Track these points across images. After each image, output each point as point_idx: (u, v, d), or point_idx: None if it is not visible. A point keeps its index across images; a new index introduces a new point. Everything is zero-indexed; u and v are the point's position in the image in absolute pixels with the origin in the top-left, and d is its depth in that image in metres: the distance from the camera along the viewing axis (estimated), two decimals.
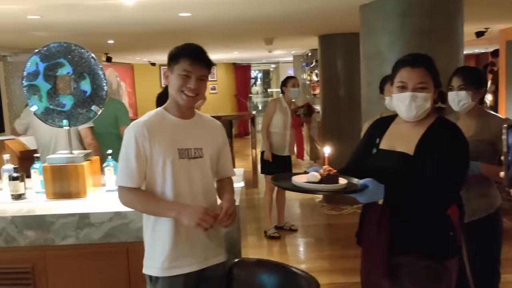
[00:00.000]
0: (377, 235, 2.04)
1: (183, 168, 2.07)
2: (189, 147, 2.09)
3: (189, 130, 2.12)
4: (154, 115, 2.10)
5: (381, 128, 2.20)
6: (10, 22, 4.41)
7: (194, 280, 2.13)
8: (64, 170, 2.94)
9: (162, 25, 5.22)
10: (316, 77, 10.19)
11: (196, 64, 2.03)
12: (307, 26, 6.00)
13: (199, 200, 2.12)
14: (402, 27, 3.67)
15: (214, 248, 2.18)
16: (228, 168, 2.30)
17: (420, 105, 2.00)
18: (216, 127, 2.25)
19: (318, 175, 1.96)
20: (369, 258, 2.10)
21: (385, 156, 2.11)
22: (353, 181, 2.00)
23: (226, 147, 2.28)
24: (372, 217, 2.08)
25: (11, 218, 2.62)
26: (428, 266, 2.00)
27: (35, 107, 3.00)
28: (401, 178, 1.99)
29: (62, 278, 2.67)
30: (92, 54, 2.98)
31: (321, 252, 4.93)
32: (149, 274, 2.14)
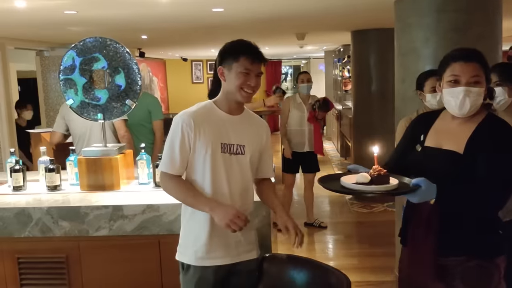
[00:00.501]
0: (424, 236, 2.00)
1: (223, 162, 2.10)
2: (232, 143, 2.12)
3: (235, 126, 2.14)
4: (203, 107, 2.13)
5: (426, 124, 2.13)
6: (47, 17, 4.50)
7: (224, 273, 2.15)
8: (99, 162, 2.99)
9: (195, 20, 5.24)
10: (348, 73, 10.09)
11: (256, 62, 2.06)
12: (340, 22, 5.94)
13: (236, 196, 2.13)
14: (437, 23, 3.59)
15: (247, 243, 2.19)
16: (269, 169, 2.31)
17: (473, 100, 1.93)
18: (262, 126, 2.26)
19: (368, 176, 1.89)
20: (416, 259, 2.06)
21: (431, 154, 2.04)
22: (404, 181, 1.93)
23: (269, 148, 2.30)
24: (420, 217, 2.02)
25: (47, 209, 2.69)
26: (479, 265, 1.96)
27: (71, 101, 3.06)
28: (450, 178, 1.93)
29: (95, 269, 2.73)
30: (127, 49, 3.02)
31: (350, 249, 4.90)
32: (181, 261, 2.17)
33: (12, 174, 3.06)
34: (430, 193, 1.85)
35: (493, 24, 3.63)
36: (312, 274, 2.19)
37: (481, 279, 1.97)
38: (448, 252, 1.98)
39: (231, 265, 2.15)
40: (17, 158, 3.14)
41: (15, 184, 3.05)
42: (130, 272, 2.72)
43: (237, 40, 2.13)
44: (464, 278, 1.97)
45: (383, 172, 1.89)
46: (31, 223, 2.69)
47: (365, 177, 1.89)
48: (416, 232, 2.05)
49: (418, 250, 2.05)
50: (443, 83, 2.01)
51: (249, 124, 2.20)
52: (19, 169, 3.05)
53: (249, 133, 2.18)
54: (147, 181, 3.11)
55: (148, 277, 2.72)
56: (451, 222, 1.96)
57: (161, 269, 2.69)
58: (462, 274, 1.97)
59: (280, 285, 2.24)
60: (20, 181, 3.06)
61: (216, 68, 2.13)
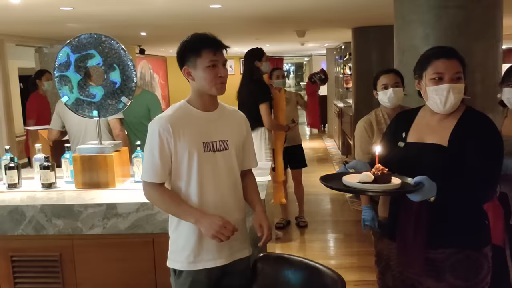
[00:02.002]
0: (414, 231, 2.01)
1: (208, 162, 2.05)
2: (214, 140, 2.07)
3: (214, 123, 2.10)
4: (178, 109, 2.08)
5: (406, 122, 2.16)
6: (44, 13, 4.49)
7: (217, 274, 2.12)
8: (94, 160, 2.97)
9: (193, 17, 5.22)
10: (350, 70, 10.05)
11: (219, 51, 2.01)
12: (340, 19, 5.91)
13: (225, 194, 2.10)
14: (437, 19, 3.55)
15: (239, 243, 2.16)
16: (252, 159, 2.27)
17: (457, 97, 1.98)
18: (240, 118, 2.22)
19: (372, 175, 1.88)
20: (405, 254, 2.07)
21: (415, 149, 2.07)
22: (406, 180, 1.91)
23: (250, 138, 2.26)
24: (408, 212, 2.02)
25: (41, 207, 2.66)
26: (468, 257, 1.98)
27: (66, 98, 3.03)
28: (437, 170, 1.94)
29: (89, 267, 2.70)
30: (122, 46, 2.99)
31: (350, 248, 4.87)
32: (173, 268, 2.14)
33: (6, 171, 3.04)
34: (431, 191, 1.85)
35: (493, 21, 3.60)
36: (307, 275, 2.17)
37: (470, 270, 1.98)
38: (436, 245, 1.99)
39: (224, 266, 2.12)
40: (11, 155, 3.12)
41: (10, 181, 3.03)
42: (124, 270, 2.69)
43: (192, 35, 2.06)
44: (454, 270, 1.98)
45: (385, 171, 1.88)
46: (25, 221, 2.67)
47: (369, 176, 1.88)
48: (405, 228, 2.05)
49: (408, 245, 2.05)
50: (425, 81, 2.03)
51: (227, 117, 2.16)
52: (13, 166, 3.03)
53: (229, 126, 2.14)
54: None
55: (142, 276, 2.70)
56: (439, 215, 1.98)
57: (155, 267, 2.67)
58: (451, 267, 1.98)
59: (275, 285, 2.21)
60: (14, 178, 3.04)
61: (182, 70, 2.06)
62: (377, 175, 1.86)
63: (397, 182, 1.90)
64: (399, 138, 2.14)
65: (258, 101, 4.43)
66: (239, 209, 2.17)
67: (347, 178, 1.93)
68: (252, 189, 2.27)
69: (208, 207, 2.07)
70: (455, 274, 1.98)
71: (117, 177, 3.01)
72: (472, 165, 1.92)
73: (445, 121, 2.04)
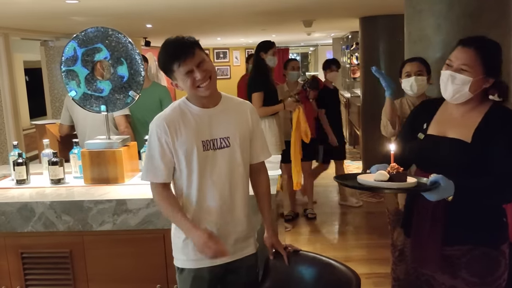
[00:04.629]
0: (430, 227, 1.97)
1: (208, 160, 2.01)
2: (214, 138, 2.02)
3: (214, 119, 2.04)
4: (176, 108, 2.05)
5: (429, 112, 2.08)
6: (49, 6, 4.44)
7: (221, 270, 2.10)
8: (102, 155, 2.94)
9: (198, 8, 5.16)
10: (356, 60, 9.97)
11: (186, 60, 1.93)
12: (348, 8, 5.83)
13: (227, 191, 2.06)
14: (449, 8, 3.48)
15: (243, 240, 2.14)
16: (262, 151, 2.20)
17: (457, 88, 1.90)
18: (245, 110, 2.14)
19: (387, 174, 1.86)
20: (420, 250, 2.03)
21: (435, 143, 2.00)
22: (422, 180, 1.89)
23: (258, 129, 2.18)
24: (425, 208, 1.98)
25: (50, 203, 2.64)
26: (485, 254, 1.93)
27: (73, 93, 3.00)
28: (459, 167, 1.89)
29: (99, 264, 2.69)
30: (129, 39, 2.94)
31: (359, 240, 4.84)
32: (176, 265, 2.14)
33: (15, 167, 3.01)
34: (448, 190, 1.80)
35: (506, 10, 3.51)
36: (320, 270, 2.14)
37: (487, 267, 1.94)
38: (453, 242, 1.95)
39: (227, 263, 2.09)
40: (20, 151, 3.10)
41: (18, 177, 3.01)
42: (134, 266, 2.68)
43: (160, 48, 2.01)
44: (470, 267, 1.94)
45: (401, 170, 1.86)
46: (34, 217, 2.65)
47: (384, 175, 1.86)
48: (421, 224, 2.02)
49: (423, 241, 2.01)
50: None
51: (230, 112, 2.09)
52: (22, 162, 3.01)
53: (232, 121, 2.07)
54: None
55: (153, 271, 2.68)
56: (456, 212, 1.93)
57: (166, 263, 2.64)
58: (467, 264, 1.94)
59: (288, 281, 2.19)
60: (23, 174, 3.02)
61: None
62: (392, 174, 1.85)
63: (411, 180, 1.88)
64: (420, 129, 2.07)
65: (251, 91, 4.47)
66: (243, 206, 2.13)
67: (363, 177, 1.92)
68: (264, 199, 2.24)
69: (209, 206, 2.04)
70: (471, 271, 1.94)
71: (126, 172, 2.98)
72: (499, 163, 1.84)
73: (469, 116, 1.96)
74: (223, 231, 2.07)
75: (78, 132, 3.93)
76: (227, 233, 2.08)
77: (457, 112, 2.00)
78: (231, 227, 2.09)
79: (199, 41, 2.00)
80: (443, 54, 3.44)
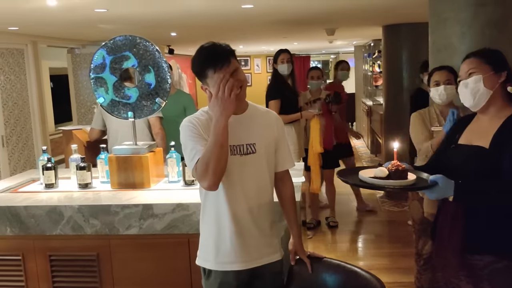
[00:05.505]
0: (448, 233, 2.00)
1: (235, 165, 2.03)
2: (241, 143, 2.05)
3: (241, 126, 2.07)
4: (206, 112, 2.07)
5: (463, 123, 2.16)
6: (79, 15, 4.55)
7: (247, 276, 2.11)
8: (129, 160, 3.00)
9: (224, 17, 5.22)
10: (379, 68, 9.93)
11: (220, 67, 1.95)
12: (371, 16, 5.83)
13: (253, 196, 2.08)
14: (474, 17, 3.47)
15: (268, 246, 2.15)
16: (286, 160, 2.22)
17: (471, 90, 1.97)
18: (271, 119, 2.17)
19: (386, 170, 1.91)
20: (441, 253, 2.07)
21: (461, 151, 2.05)
22: (423, 177, 1.94)
23: (284, 138, 2.21)
24: (445, 215, 2.03)
25: (78, 207, 2.70)
26: (507, 267, 1.92)
27: (101, 99, 3.07)
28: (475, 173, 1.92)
29: (125, 267, 2.74)
30: (157, 47, 3.00)
31: (381, 249, 4.81)
32: (202, 266, 2.15)
33: (44, 171, 3.09)
34: (447, 190, 1.85)
35: None
36: (345, 278, 2.14)
37: (510, 282, 1.92)
38: (473, 251, 1.96)
39: (254, 269, 2.11)
40: (48, 156, 3.17)
41: (47, 181, 3.09)
42: (160, 270, 2.71)
43: (196, 52, 2.02)
44: (492, 280, 1.93)
45: (401, 167, 1.91)
46: (63, 221, 2.71)
47: (383, 171, 1.92)
48: (442, 230, 2.05)
49: (444, 245, 2.04)
50: None
51: (256, 119, 2.12)
52: (51, 167, 3.08)
53: (258, 129, 2.10)
54: (177, 179, 3.10)
55: (177, 276, 2.71)
56: (476, 219, 1.94)
57: (190, 268, 2.68)
58: (490, 276, 1.93)
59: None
60: (52, 178, 3.09)
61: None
62: (391, 171, 1.91)
63: (412, 178, 1.93)
64: (453, 140, 2.14)
65: (268, 99, 4.59)
66: (268, 212, 2.16)
67: (363, 173, 1.99)
68: (289, 206, 2.25)
69: (235, 210, 2.06)
70: (493, 284, 1.93)
71: (151, 177, 3.04)
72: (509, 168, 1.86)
73: (491, 123, 2.01)
74: (248, 236, 2.08)
75: (110, 136, 4.02)
76: (252, 239, 2.09)
77: (483, 120, 2.05)
78: (256, 232, 2.10)
79: (234, 51, 2.04)
80: None
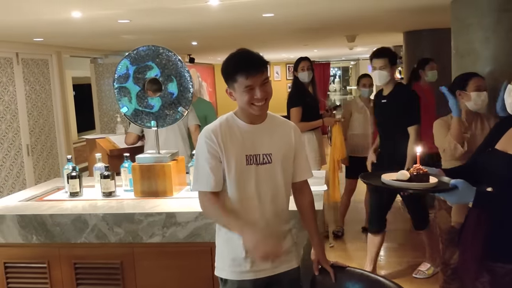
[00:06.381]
0: (471, 239, 2.00)
1: (250, 174, 2.05)
2: (257, 153, 2.06)
3: (259, 135, 2.08)
4: (224, 121, 2.09)
5: (503, 128, 2.11)
6: (102, 26, 4.63)
7: (264, 283, 2.12)
8: (152, 169, 3.03)
9: (245, 26, 5.25)
10: (399, 74, 9.86)
11: (254, 75, 1.96)
12: (392, 22, 5.80)
13: (268, 206, 2.09)
14: (498, 22, 3.43)
15: (284, 254, 2.15)
16: (304, 170, 2.23)
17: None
18: (289, 130, 2.18)
19: (408, 174, 1.96)
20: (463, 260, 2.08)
21: (496, 158, 2.02)
22: (444, 181, 1.97)
23: (302, 148, 2.22)
24: (470, 221, 2.03)
25: (103, 215, 2.73)
26: None
27: (125, 109, 3.11)
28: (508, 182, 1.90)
29: (149, 275, 2.76)
30: (179, 57, 3.04)
31: (403, 258, 4.75)
32: (219, 276, 2.16)
33: (69, 180, 3.14)
34: (467, 196, 1.85)
35: None
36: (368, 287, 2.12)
37: None
38: (495, 258, 1.95)
39: (270, 276, 2.12)
40: (73, 164, 3.22)
41: (72, 190, 3.13)
42: (182, 279, 2.73)
43: (230, 56, 2.04)
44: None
45: (422, 171, 1.95)
46: (88, 229, 2.75)
47: (405, 174, 1.97)
48: (465, 235, 2.06)
49: (465, 252, 2.05)
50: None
51: (274, 130, 2.13)
52: (75, 175, 3.13)
53: (275, 139, 2.11)
54: None
55: (200, 284, 2.72)
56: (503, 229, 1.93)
57: (213, 276, 2.64)
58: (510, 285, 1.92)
59: None
60: (76, 187, 3.14)
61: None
62: (413, 174, 1.95)
63: (433, 181, 1.96)
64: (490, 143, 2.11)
65: (289, 107, 4.60)
66: (283, 221, 2.17)
67: (386, 176, 2.04)
68: (308, 215, 2.24)
69: (250, 219, 2.06)
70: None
71: (174, 185, 3.06)
72: None
73: None
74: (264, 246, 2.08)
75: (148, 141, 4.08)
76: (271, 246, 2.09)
77: None
78: (271, 242, 2.10)
79: (268, 62, 2.06)
80: (492, 69, 3.39)
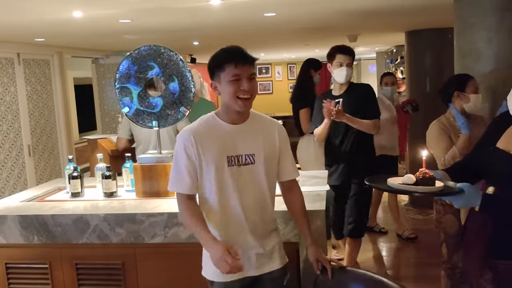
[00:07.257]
0: (474, 237, 2.01)
1: (231, 176, 2.03)
2: (239, 154, 2.04)
3: (241, 136, 2.06)
4: (204, 122, 2.08)
5: (502, 125, 2.08)
6: (104, 26, 4.62)
7: (250, 281, 2.12)
8: (154, 169, 3.02)
9: (247, 25, 5.24)
10: (401, 74, 9.83)
11: (242, 65, 1.96)
12: (394, 22, 5.78)
13: (251, 207, 2.08)
14: (501, 22, 3.41)
15: (269, 254, 2.14)
16: (291, 170, 2.21)
17: None
18: (273, 130, 2.15)
19: (413, 177, 1.97)
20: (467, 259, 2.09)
21: (498, 157, 2.00)
22: (449, 185, 1.97)
23: (287, 148, 2.19)
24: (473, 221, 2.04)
25: (104, 216, 2.72)
26: None
27: (126, 109, 3.10)
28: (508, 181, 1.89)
29: (151, 276, 2.74)
30: (180, 57, 3.03)
31: (405, 258, 4.74)
32: (205, 277, 2.16)
33: (70, 180, 3.13)
34: (474, 199, 1.85)
35: None
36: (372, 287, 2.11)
37: None
38: (498, 256, 1.95)
39: (255, 276, 2.12)
40: (75, 165, 3.21)
41: (73, 190, 3.12)
42: (185, 279, 2.71)
43: (221, 49, 2.03)
44: None
45: (428, 175, 1.96)
46: (89, 229, 2.73)
47: (411, 178, 1.98)
48: (468, 235, 2.07)
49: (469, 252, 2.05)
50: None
51: (256, 130, 2.10)
52: (77, 176, 3.12)
53: (258, 139, 2.08)
54: None
55: (202, 285, 2.69)
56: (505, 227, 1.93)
57: None
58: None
59: None
60: (78, 187, 3.13)
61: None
62: (419, 178, 1.96)
63: (439, 185, 1.97)
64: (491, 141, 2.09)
65: (298, 107, 4.57)
66: (268, 221, 2.16)
67: (392, 180, 2.04)
68: (299, 215, 2.23)
69: (232, 221, 2.06)
70: None
71: None
72: None
73: None
74: (245, 247, 2.08)
75: (140, 144, 4.08)
76: (250, 248, 2.09)
77: None
78: (254, 242, 2.10)
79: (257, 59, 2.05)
80: (494, 68, 3.37)
